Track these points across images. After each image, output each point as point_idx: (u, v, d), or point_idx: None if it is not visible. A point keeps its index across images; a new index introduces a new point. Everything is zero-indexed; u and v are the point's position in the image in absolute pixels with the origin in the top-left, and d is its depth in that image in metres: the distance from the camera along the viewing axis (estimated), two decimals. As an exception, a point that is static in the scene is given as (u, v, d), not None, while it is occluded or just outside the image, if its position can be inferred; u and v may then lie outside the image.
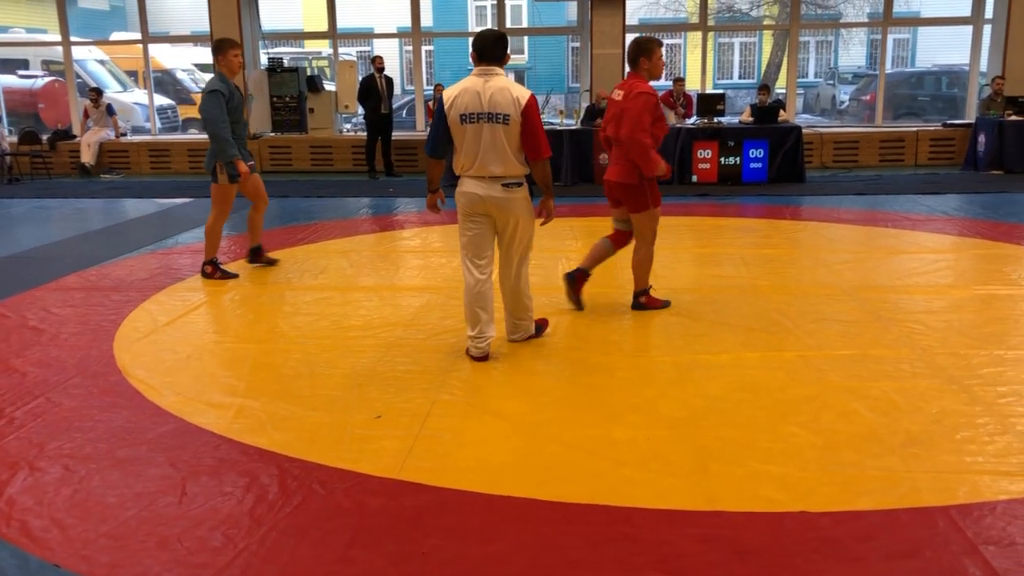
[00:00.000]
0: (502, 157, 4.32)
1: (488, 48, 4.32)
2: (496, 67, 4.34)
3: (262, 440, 3.64)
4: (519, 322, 4.82)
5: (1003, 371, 4.27)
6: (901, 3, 18.58)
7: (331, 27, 14.31)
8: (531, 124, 4.28)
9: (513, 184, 4.40)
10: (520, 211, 4.45)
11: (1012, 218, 8.50)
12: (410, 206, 10.05)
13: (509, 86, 4.29)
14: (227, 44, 6.31)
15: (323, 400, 4.08)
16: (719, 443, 3.54)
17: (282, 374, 4.47)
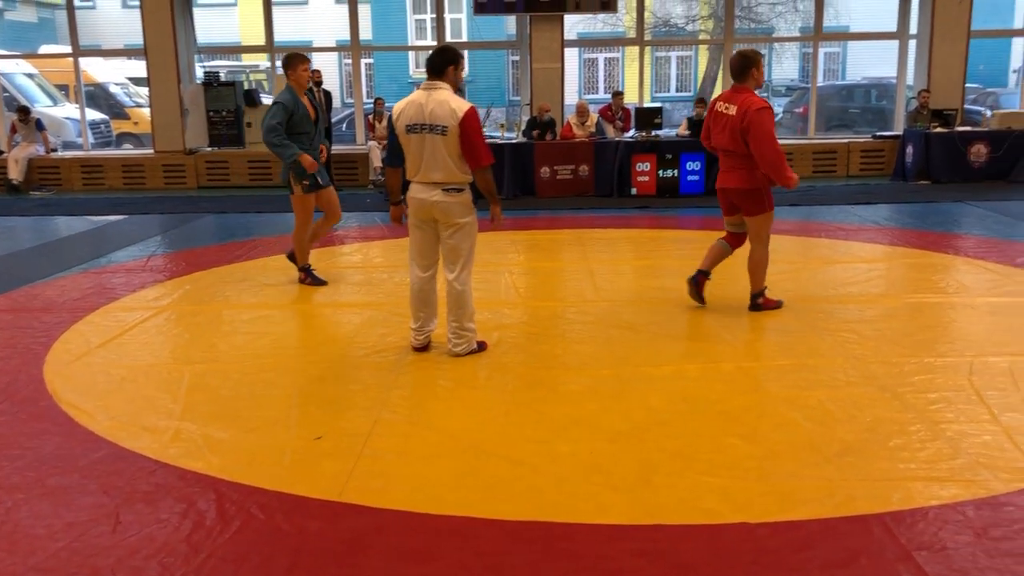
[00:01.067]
0: (442, 165, 4.57)
1: (432, 63, 4.62)
2: (439, 81, 4.59)
3: (199, 464, 3.57)
4: (463, 331, 4.85)
5: (933, 378, 4.39)
6: (831, 18, 19.04)
7: (268, 40, 14.17)
8: (468, 135, 4.51)
9: (453, 189, 4.63)
10: (460, 215, 4.67)
11: (939, 227, 8.76)
12: (351, 220, 9.97)
13: (449, 99, 4.53)
14: (297, 60, 6.32)
15: (262, 421, 4.02)
16: (661, 455, 3.57)
17: (220, 395, 4.39)
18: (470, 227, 4.73)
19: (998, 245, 7.68)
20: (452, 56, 4.62)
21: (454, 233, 4.70)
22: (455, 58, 4.64)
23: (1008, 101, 17.26)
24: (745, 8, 22.12)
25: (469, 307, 4.84)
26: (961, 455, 3.49)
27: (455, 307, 4.82)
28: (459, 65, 4.66)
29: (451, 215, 4.65)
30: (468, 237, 4.74)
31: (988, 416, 3.88)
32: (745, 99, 5.32)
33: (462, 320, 4.84)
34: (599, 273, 6.98)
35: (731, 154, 5.48)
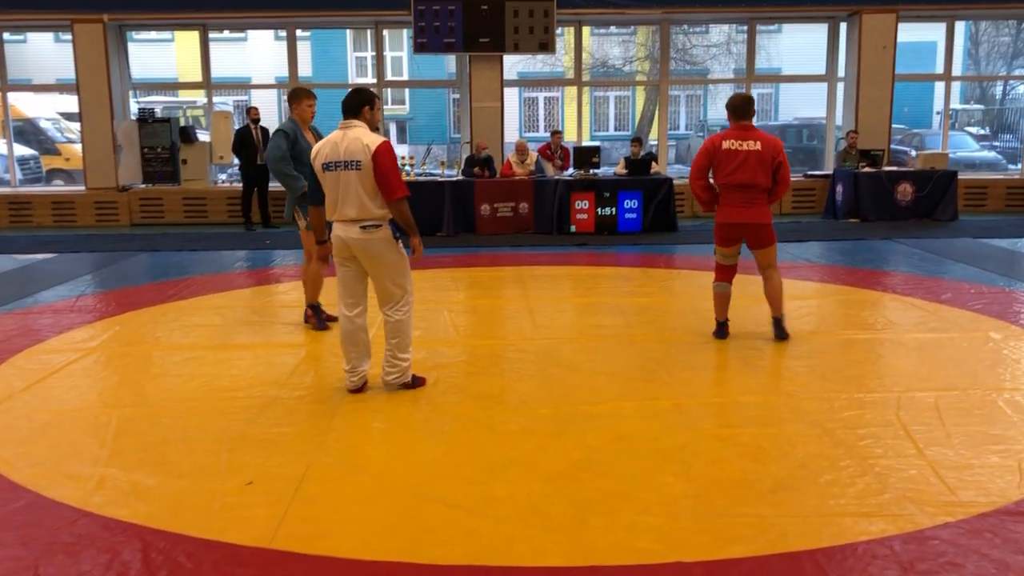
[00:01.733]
0: (357, 201, 4.62)
1: (347, 103, 4.74)
2: (354, 120, 4.71)
3: (124, 512, 3.45)
4: (396, 360, 4.88)
5: (862, 414, 4.49)
6: (763, 60, 19.61)
7: (205, 77, 14.04)
8: (380, 167, 4.56)
9: (370, 226, 4.65)
10: (380, 251, 4.70)
11: (868, 264, 9.01)
12: (288, 259, 9.87)
13: (363, 136, 4.62)
14: (302, 94, 6.24)
15: (191, 467, 3.91)
16: (597, 495, 3.57)
17: (148, 440, 4.27)
18: (394, 262, 4.75)
19: (924, 282, 7.92)
20: (367, 97, 4.74)
21: (378, 271, 4.75)
22: (370, 99, 4.74)
23: (932, 142, 17.89)
24: (680, 50, 22.66)
25: (404, 337, 4.86)
26: (889, 490, 3.56)
27: (390, 335, 4.88)
28: (374, 105, 4.76)
29: (370, 252, 4.69)
30: (393, 272, 4.76)
31: (914, 451, 3.97)
32: (766, 136, 5.75)
33: (395, 349, 4.88)
34: (539, 311, 7.00)
35: (751, 188, 5.72)
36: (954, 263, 8.91)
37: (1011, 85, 25.05)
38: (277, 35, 20.89)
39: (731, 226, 5.88)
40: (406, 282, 4.83)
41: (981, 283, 7.81)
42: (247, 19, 13.76)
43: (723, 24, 20.67)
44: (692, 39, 23.34)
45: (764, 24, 15.88)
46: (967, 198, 13.65)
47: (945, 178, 12.52)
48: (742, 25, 15.46)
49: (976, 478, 3.66)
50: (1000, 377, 5.08)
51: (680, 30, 21.50)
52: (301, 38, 16.01)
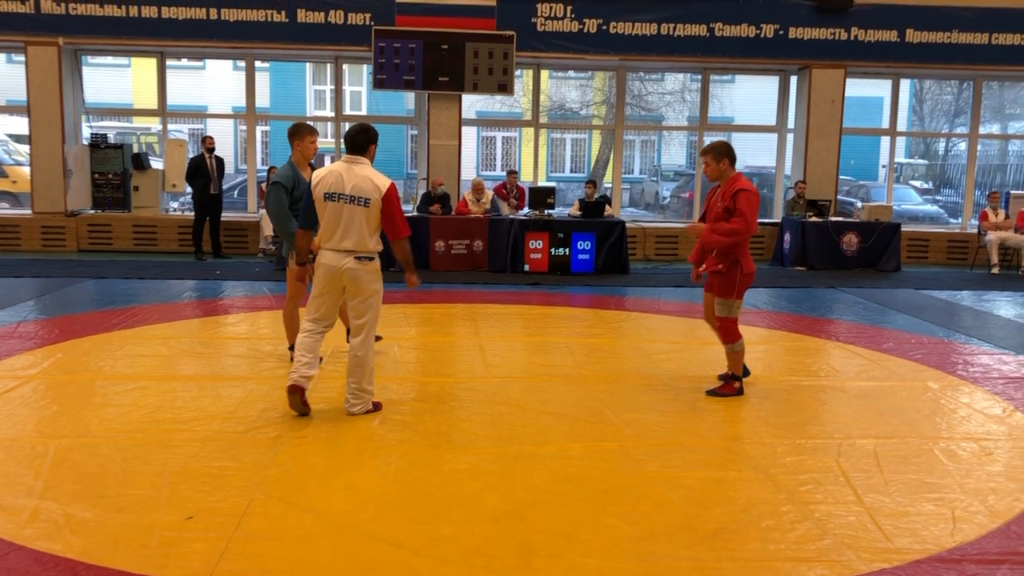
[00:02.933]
0: (357, 234, 4.87)
1: (355, 140, 4.96)
2: (360, 156, 4.95)
3: (58, 546, 3.37)
4: (361, 392, 5.09)
5: (804, 459, 4.56)
6: (716, 109, 20.07)
7: (161, 104, 13.94)
8: (390, 208, 4.89)
9: (364, 258, 4.92)
10: (369, 282, 4.96)
11: (813, 312, 9.20)
12: (238, 290, 9.77)
13: (372, 175, 4.89)
14: (305, 130, 6.11)
15: (130, 500, 3.83)
16: (541, 536, 3.57)
17: (85, 472, 4.18)
18: (377, 295, 5.01)
19: (867, 331, 8.10)
20: (374, 135, 5.02)
21: (361, 301, 4.97)
22: (375, 137, 5.04)
23: (877, 194, 18.40)
24: (636, 96, 23.07)
25: (369, 370, 5.09)
26: (828, 535, 3.62)
27: (356, 370, 5.07)
28: (376, 144, 5.04)
29: (360, 282, 4.92)
30: (374, 305, 5.01)
31: (853, 497, 4.04)
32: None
33: (361, 382, 5.09)
34: (490, 349, 7.02)
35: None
36: (896, 313, 9.14)
37: (953, 142, 25.91)
38: (235, 65, 20.86)
39: (753, 274, 5.76)
40: (376, 316, 5.07)
41: (922, 333, 8.01)
42: (206, 48, 13.72)
43: (678, 73, 21.12)
44: (648, 86, 23.80)
45: (717, 74, 16.28)
46: (910, 250, 14.05)
47: (889, 230, 12.88)
48: (696, 74, 15.82)
49: (912, 525, 3.74)
50: (937, 426, 5.21)
51: (636, 77, 21.91)
52: (260, 69, 16.00)
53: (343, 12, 12.94)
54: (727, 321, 5.75)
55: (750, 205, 5.51)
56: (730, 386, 5.81)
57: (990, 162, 23.05)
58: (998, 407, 5.64)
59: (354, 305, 5.01)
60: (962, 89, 23.88)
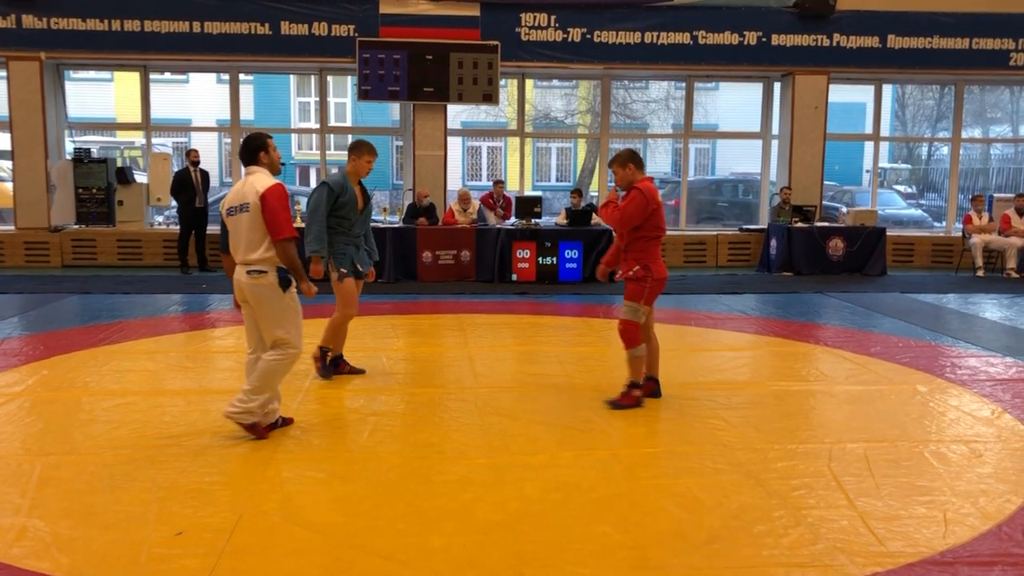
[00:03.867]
0: (247, 244, 4.73)
1: (242, 154, 4.89)
2: (254, 167, 4.83)
3: (46, 565, 3.33)
4: (243, 399, 4.80)
5: (795, 464, 4.56)
6: (701, 116, 20.14)
7: (145, 118, 13.89)
8: (267, 207, 4.64)
9: (255, 272, 4.71)
10: (262, 297, 4.74)
11: (801, 317, 9.23)
12: (224, 303, 9.72)
13: (259, 180, 4.73)
14: (365, 148, 6.08)
15: (118, 517, 3.80)
16: (533, 547, 3.56)
17: (73, 489, 4.14)
18: (281, 311, 4.76)
19: (854, 335, 8.13)
20: (257, 143, 4.85)
21: (263, 317, 4.78)
22: (261, 143, 4.86)
23: (862, 199, 18.51)
24: (621, 105, 23.13)
25: (264, 381, 4.76)
26: (820, 540, 3.61)
27: (252, 376, 4.80)
28: (269, 148, 4.86)
29: (256, 297, 4.74)
30: (276, 320, 4.76)
31: (845, 501, 4.04)
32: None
33: (248, 391, 4.78)
34: (479, 359, 7.00)
35: None
36: (883, 317, 9.18)
37: (935, 146, 26.10)
38: (219, 78, 20.81)
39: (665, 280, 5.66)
40: (290, 333, 4.79)
41: (908, 337, 8.05)
42: (189, 62, 13.69)
43: (662, 80, 21.20)
44: (632, 94, 23.87)
45: (701, 81, 16.33)
46: (895, 254, 14.12)
47: (874, 234, 12.94)
48: (680, 82, 15.90)
49: (904, 529, 3.74)
50: (927, 429, 5.23)
51: (621, 85, 21.98)
52: (244, 82, 15.99)
53: (327, 24, 12.94)
54: (629, 324, 5.58)
55: (633, 203, 5.46)
56: (630, 395, 5.63)
57: (972, 166, 23.22)
58: (987, 409, 5.66)
59: (260, 322, 4.80)
60: (944, 94, 24.07)
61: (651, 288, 5.56)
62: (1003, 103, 25.53)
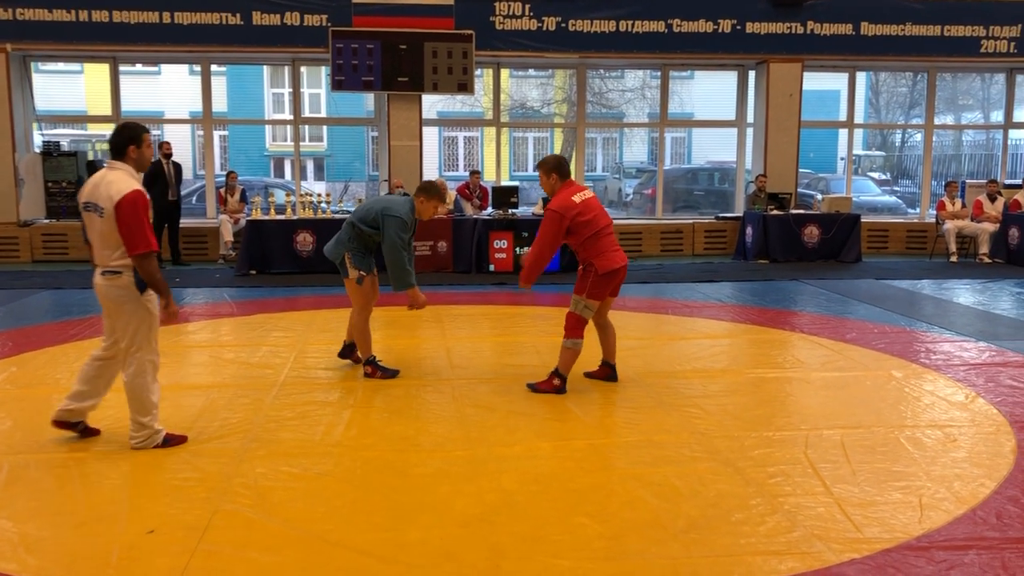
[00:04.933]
0: (101, 245, 4.42)
1: (111, 142, 4.49)
2: (117, 162, 4.45)
3: (12, 567, 3.26)
4: (139, 424, 4.56)
5: (772, 452, 4.57)
6: (676, 105, 20.17)
7: (115, 110, 13.70)
8: (121, 220, 4.30)
9: (109, 272, 4.43)
10: (116, 301, 4.46)
11: (777, 304, 9.26)
12: (198, 296, 9.62)
13: (116, 181, 4.35)
14: (436, 195, 5.95)
15: (89, 516, 3.73)
16: (511, 539, 3.53)
17: (42, 488, 4.07)
18: (132, 315, 4.45)
19: (830, 322, 8.17)
20: (130, 134, 4.45)
21: (115, 320, 4.50)
22: (135, 136, 4.45)
23: (837, 186, 18.61)
24: (597, 94, 23.12)
25: (140, 401, 4.52)
26: (798, 528, 3.62)
27: (129, 399, 4.55)
28: (142, 143, 4.46)
29: (108, 299, 4.47)
30: (129, 326, 4.46)
31: (822, 488, 4.05)
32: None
33: (135, 413, 4.55)
34: (456, 350, 6.97)
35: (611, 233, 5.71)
36: (858, 303, 9.23)
37: (909, 133, 26.30)
38: (191, 69, 20.58)
39: (619, 271, 5.68)
40: (142, 339, 4.48)
41: (884, 323, 8.10)
42: (159, 53, 13.51)
43: (638, 69, 21.20)
44: (608, 83, 23.86)
45: (677, 70, 16.34)
46: (870, 240, 14.22)
47: (849, 221, 13.02)
48: (656, 71, 15.90)
49: (880, 515, 3.75)
50: (902, 414, 5.25)
51: (596, 74, 21.96)
52: (216, 73, 15.81)
53: (299, 14, 12.80)
54: (571, 316, 5.71)
55: (543, 230, 5.68)
56: (550, 382, 5.70)
57: (945, 152, 23.42)
58: (961, 394, 5.70)
59: (113, 325, 4.52)
60: (916, 81, 24.24)
61: (594, 283, 5.61)
62: (974, 90, 25.76)
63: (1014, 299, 9.65)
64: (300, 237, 11.39)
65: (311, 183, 25.10)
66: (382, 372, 6.12)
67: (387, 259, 5.82)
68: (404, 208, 5.90)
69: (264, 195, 14.22)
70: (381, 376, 6.09)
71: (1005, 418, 5.15)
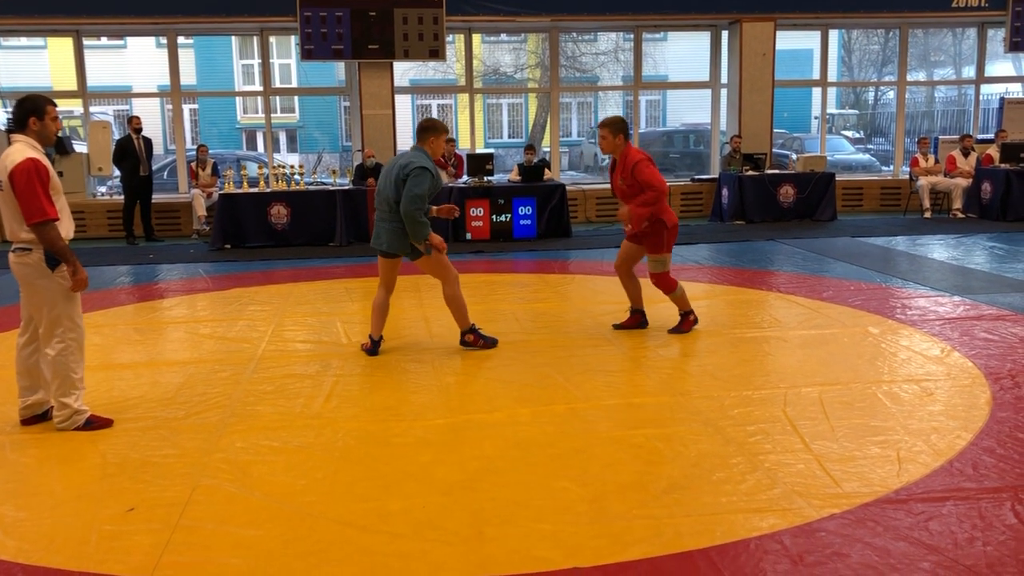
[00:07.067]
0: (8, 220, 4.31)
1: (12, 115, 4.37)
2: (18, 135, 4.32)
3: (-9, 549, 3.23)
4: (61, 404, 4.45)
5: (751, 411, 4.59)
6: (650, 68, 20.07)
7: (81, 86, 13.45)
8: (17, 190, 4.20)
9: (19, 250, 4.33)
10: (27, 278, 4.35)
11: (754, 265, 9.29)
12: (172, 273, 9.52)
13: (13, 152, 4.25)
14: (441, 128, 5.72)
15: (67, 495, 3.70)
16: (493, 505, 3.54)
17: (18, 468, 4.02)
18: (46, 291, 4.33)
19: (807, 281, 8.21)
20: (30, 106, 4.33)
21: (30, 299, 4.40)
22: (35, 108, 4.33)
23: (811, 145, 18.64)
24: (570, 58, 22.95)
25: (63, 380, 4.40)
26: (778, 485, 3.64)
27: (51, 378, 4.44)
28: (44, 114, 4.33)
29: (23, 277, 4.36)
30: (45, 303, 4.35)
31: (801, 445, 4.08)
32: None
33: (56, 395, 4.44)
34: (435, 319, 6.94)
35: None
36: (834, 261, 9.28)
37: (882, 91, 26.36)
38: (158, 42, 20.22)
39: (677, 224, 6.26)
40: (61, 315, 4.37)
41: (860, 280, 8.15)
42: (124, 25, 13.25)
43: (610, 32, 21.05)
44: (581, 47, 23.68)
45: (650, 32, 16.24)
46: (845, 199, 14.28)
47: (824, 180, 13.05)
48: (629, 33, 15.79)
49: (859, 469, 3.79)
50: (879, 370, 5.29)
51: (569, 38, 21.78)
52: (184, 45, 15.54)
53: (266, -18, 12.57)
54: (661, 276, 6.18)
55: (651, 171, 5.94)
56: (687, 322, 6.33)
57: (918, 109, 23.51)
58: (936, 348, 5.75)
59: (30, 305, 4.42)
60: (888, 38, 24.25)
61: (669, 236, 6.12)
62: (946, 46, 25.82)
63: (987, 253, 9.74)
64: (274, 210, 11.27)
65: (284, 155, 24.83)
66: (483, 339, 6.00)
67: (403, 210, 5.53)
68: (421, 157, 5.64)
69: (236, 168, 14.06)
70: (483, 345, 5.96)
71: (980, 371, 5.21)
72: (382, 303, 5.95)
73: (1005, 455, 3.91)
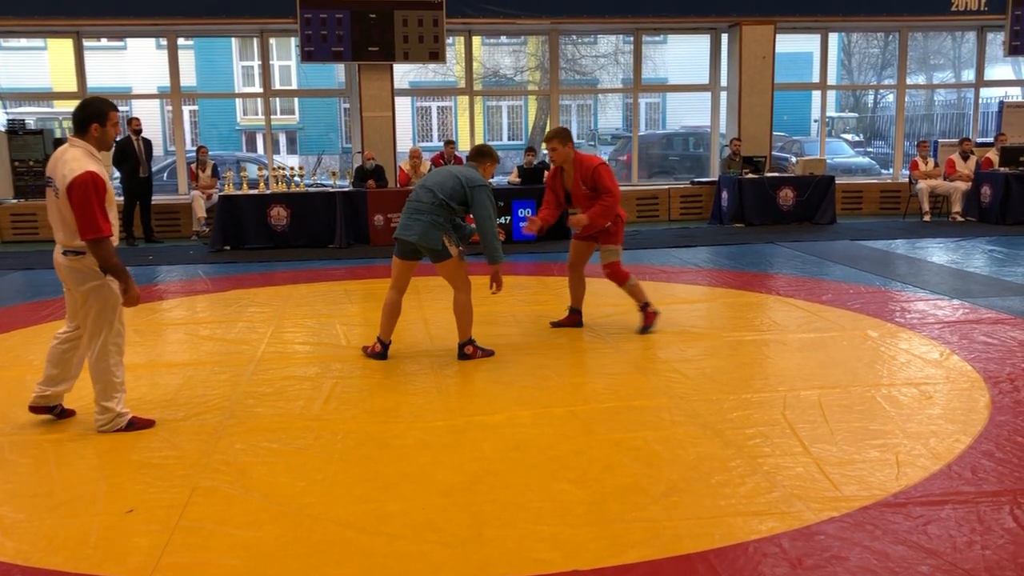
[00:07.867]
0: (59, 225, 4.32)
1: (74, 118, 4.36)
2: (78, 139, 4.31)
3: (-10, 550, 3.23)
4: (102, 407, 4.45)
5: (750, 414, 4.60)
6: (650, 70, 20.08)
7: (81, 86, 13.45)
8: (73, 203, 4.17)
9: (72, 253, 4.32)
10: (81, 280, 4.33)
11: (753, 267, 9.29)
12: (172, 274, 9.52)
13: (72, 160, 4.20)
14: (496, 157, 5.92)
15: (66, 497, 3.70)
16: (493, 507, 3.54)
17: (18, 470, 4.02)
18: (96, 295, 4.32)
19: (806, 284, 8.22)
20: (94, 112, 4.28)
21: (79, 300, 4.37)
22: (98, 113, 4.28)
23: (811, 148, 18.65)
24: (570, 60, 22.96)
25: (105, 384, 4.41)
26: (777, 488, 3.65)
27: (92, 382, 4.44)
28: (107, 121, 4.30)
29: (71, 279, 4.34)
30: (94, 307, 4.34)
31: (800, 448, 4.08)
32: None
33: (98, 399, 4.45)
34: (434, 321, 6.95)
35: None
36: (834, 264, 9.29)
37: (881, 94, 26.38)
38: (158, 43, 20.22)
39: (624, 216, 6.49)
40: (103, 320, 4.36)
41: (859, 283, 8.15)
42: (124, 27, 13.26)
43: (610, 35, 21.07)
44: (581, 49, 23.69)
45: (649, 35, 16.26)
46: (844, 202, 14.29)
47: (824, 183, 13.06)
48: (628, 35, 15.81)
49: (858, 473, 3.79)
50: (878, 373, 5.30)
51: (569, 40, 21.80)
52: (184, 47, 15.55)
53: (266, -17, 12.58)
54: (614, 266, 6.39)
55: (610, 177, 6.20)
56: (650, 316, 6.46)
57: (917, 112, 23.52)
58: (935, 352, 5.76)
59: (78, 306, 4.40)
60: (888, 41, 24.28)
61: (620, 228, 6.37)
62: (945, 49, 25.84)
63: (986, 256, 9.75)
64: (274, 211, 11.28)
65: (284, 156, 24.84)
66: (482, 352, 5.92)
67: (483, 230, 5.63)
68: (480, 176, 5.74)
69: (236, 170, 14.06)
70: (482, 355, 5.89)
71: (979, 374, 5.21)
72: (393, 304, 5.91)
73: (1004, 459, 3.92)
